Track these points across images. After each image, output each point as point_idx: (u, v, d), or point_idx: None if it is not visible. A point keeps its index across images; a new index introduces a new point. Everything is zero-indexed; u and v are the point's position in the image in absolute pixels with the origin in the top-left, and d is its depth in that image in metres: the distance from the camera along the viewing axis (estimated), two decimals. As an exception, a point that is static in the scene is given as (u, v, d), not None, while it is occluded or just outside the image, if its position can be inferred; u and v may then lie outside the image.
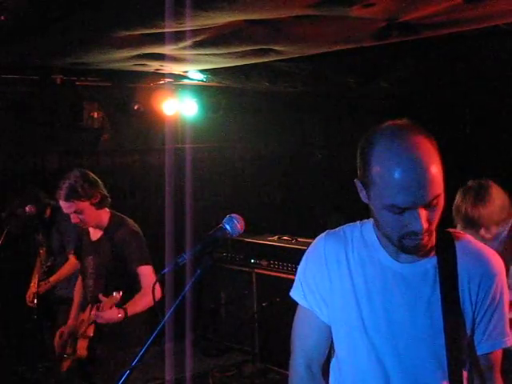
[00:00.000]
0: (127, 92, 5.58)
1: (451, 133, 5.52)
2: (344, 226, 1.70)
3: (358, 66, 4.45)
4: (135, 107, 5.61)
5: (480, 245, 1.65)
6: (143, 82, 5.34)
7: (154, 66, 4.35)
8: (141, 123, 6.01)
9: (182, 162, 5.46)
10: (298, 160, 7.06)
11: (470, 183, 2.99)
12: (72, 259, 4.32)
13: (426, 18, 2.78)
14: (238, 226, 1.90)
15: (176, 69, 4.67)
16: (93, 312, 3.24)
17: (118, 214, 3.53)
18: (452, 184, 3.39)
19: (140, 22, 2.84)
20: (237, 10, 2.58)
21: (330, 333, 1.68)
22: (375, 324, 1.57)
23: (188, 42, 3.27)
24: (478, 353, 1.60)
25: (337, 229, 1.68)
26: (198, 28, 2.93)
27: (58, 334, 3.58)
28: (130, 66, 4.27)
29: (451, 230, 1.68)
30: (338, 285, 1.62)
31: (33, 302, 4.55)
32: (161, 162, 5.98)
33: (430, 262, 1.56)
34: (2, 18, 2.69)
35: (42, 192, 4.65)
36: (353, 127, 6.11)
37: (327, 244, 1.67)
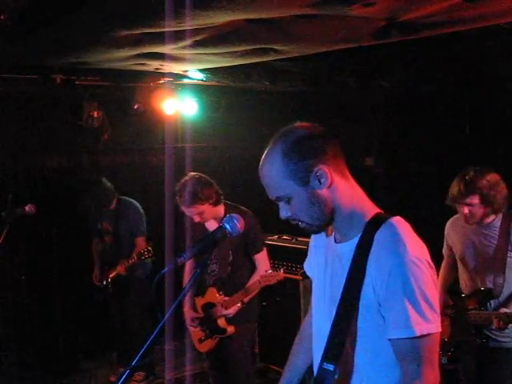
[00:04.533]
0: (127, 91, 5.57)
1: (451, 133, 5.52)
2: None
3: (357, 65, 4.45)
4: (135, 107, 5.61)
5: (398, 231, 1.69)
6: (143, 82, 5.34)
7: (153, 65, 4.35)
8: (141, 123, 6.01)
9: (182, 161, 5.46)
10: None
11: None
12: (140, 242, 5.02)
13: (426, 17, 2.78)
14: (238, 225, 1.91)
15: (176, 68, 4.67)
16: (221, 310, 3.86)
17: (232, 204, 4.00)
18: (451, 183, 3.41)
19: (140, 21, 2.84)
20: (236, 10, 2.58)
21: None
22: (317, 289, 1.93)
23: (188, 42, 3.27)
24: (388, 337, 1.67)
25: None
26: (198, 27, 2.93)
27: (189, 318, 4.03)
28: (129, 65, 4.27)
29: (394, 217, 1.75)
30: (313, 258, 2.04)
31: (107, 286, 5.14)
32: (161, 161, 5.98)
33: (353, 244, 1.75)
34: (2, 17, 2.69)
35: (109, 184, 5.16)
36: (353, 127, 6.11)
37: None
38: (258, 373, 5.32)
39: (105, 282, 5.16)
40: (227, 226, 1.89)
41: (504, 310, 3.15)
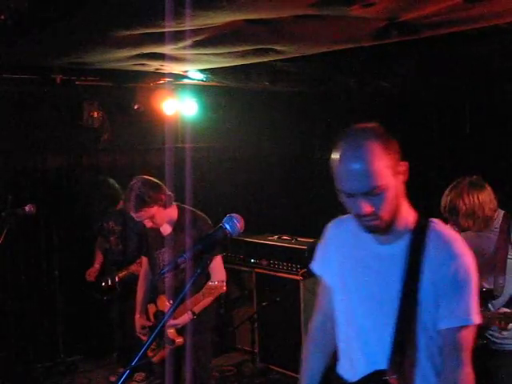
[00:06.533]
0: (127, 92, 5.57)
1: (451, 132, 5.52)
2: None
3: (358, 65, 4.45)
4: (135, 107, 5.61)
5: (449, 232, 1.87)
6: (143, 82, 5.34)
7: (153, 65, 4.35)
8: (141, 123, 6.01)
9: (182, 161, 5.46)
10: (298, 159, 7.05)
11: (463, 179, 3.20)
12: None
13: (426, 17, 2.78)
14: (238, 225, 1.89)
15: (176, 68, 4.67)
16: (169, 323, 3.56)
17: (185, 206, 3.78)
18: (452, 182, 3.41)
19: (140, 21, 2.83)
20: (236, 10, 2.58)
21: None
22: (356, 291, 1.91)
23: (188, 42, 3.27)
24: (442, 327, 1.78)
25: (346, 215, 1.93)
26: (198, 28, 2.93)
27: (139, 326, 3.86)
28: (129, 65, 4.27)
29: (433, 219, 1.89)
30: (336, 258, 2.00)
31: (114, 286, 5.11)
32: (161, 161, 5.97)
33: (403, 245, 1.83)
34: (2, 17, 2.69)
35: (116, 184, 5.12)
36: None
37: (332, 227, 2.08)
38: (258, 373, 5.33)
39: (110, 282, 5.14)
40: (227, 226, 1.87)
41: (504, 309, 3.15)
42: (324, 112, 6.47)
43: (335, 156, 1.76)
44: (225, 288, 3.62)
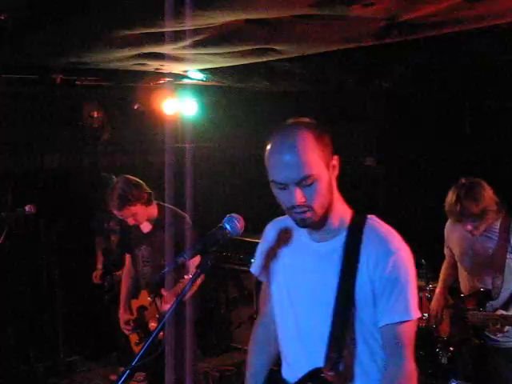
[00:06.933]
0: (127, 92, 5.57)
1: (451, 132, 5.51)
2: None
3: (357, 65, 4.45)
4: (135, 107, 5.61)
5: (385, 228, 1.84)
6: (143, 82, 5.33)
7: (153, 65, 4.35)
8: (141, 123, 6.01)
9: (182, 161, 5.47)
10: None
11: (461, 181, 3.21)
12: None
13: (426, 17, 2.78)
14: (238, 225, 1.89)
15: (176, 68, 4.67)
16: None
17: (165, 204, 3.90)
18: (452, 183, 3.42)
19: (140, 21, 2.84)
20: (236, 10, 2.58)
21: None
22: (294, 291, 1.90)
23: (188, 42, 3.27)
24: (381, 324, 1.77)
25: (284, 216, 1.93)
26: (198, 27, 2.93)
27: (122, 321, 3.96)
28: (129, 65, 4.27)
29: (369, 215, 1.87)
30: (273, 259, 2.00)
31: (113, 285, 5.08)
32: (161, 161, 5.97)
33: (339, 241, 1.82)
34: (2, 17, 2.69)
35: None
36: (353, 127, 6.11)
37: (269, 228, 2.09)
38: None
39: (106, 283, 5.15)
40: (227, 227, 1.87)
41: (501, 311, 3.15)
42: (324, 112, 6.47)
43: (268, 148, 1.78)
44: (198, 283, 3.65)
